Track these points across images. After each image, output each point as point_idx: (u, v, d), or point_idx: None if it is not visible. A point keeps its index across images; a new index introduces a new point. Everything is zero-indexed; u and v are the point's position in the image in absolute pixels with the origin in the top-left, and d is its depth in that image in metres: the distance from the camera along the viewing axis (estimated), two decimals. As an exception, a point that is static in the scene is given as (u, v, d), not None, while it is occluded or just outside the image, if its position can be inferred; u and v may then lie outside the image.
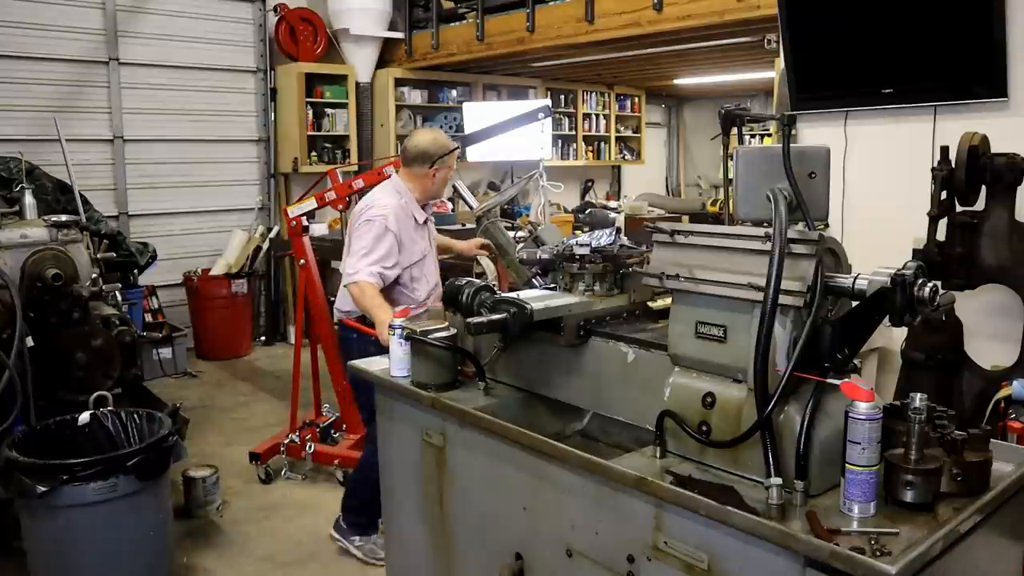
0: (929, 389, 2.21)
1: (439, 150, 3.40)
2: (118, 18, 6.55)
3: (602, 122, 10.01)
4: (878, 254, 2.02)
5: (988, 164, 2.98)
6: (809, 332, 1.55)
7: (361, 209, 3.39)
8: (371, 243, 3.23)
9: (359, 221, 3.31)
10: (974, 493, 1.53)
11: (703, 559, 1.60)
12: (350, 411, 4.48)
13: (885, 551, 1.34)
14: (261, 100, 7.44)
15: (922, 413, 1.48)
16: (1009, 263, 3.01)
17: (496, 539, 2.13)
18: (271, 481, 4.31)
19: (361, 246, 3.24)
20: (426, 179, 3.42)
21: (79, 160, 5.99)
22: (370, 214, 3.29)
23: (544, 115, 4.06)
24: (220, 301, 6.87)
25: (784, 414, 1.57)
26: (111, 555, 2.85)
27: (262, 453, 4.32)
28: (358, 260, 3.22)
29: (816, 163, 1.77)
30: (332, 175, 4.41)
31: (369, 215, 3.29)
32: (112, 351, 3.46)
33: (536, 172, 4.20)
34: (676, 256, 1.79)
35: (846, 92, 3.86)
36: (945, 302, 2.79)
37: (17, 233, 3.35)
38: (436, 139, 3.46)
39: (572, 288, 2.24)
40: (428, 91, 8.28)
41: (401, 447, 2.47)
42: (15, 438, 2.93)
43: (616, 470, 1.72)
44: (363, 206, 3.41)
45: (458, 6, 7.25)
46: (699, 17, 5.22)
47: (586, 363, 2.10)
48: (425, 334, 2.28)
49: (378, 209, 3.30)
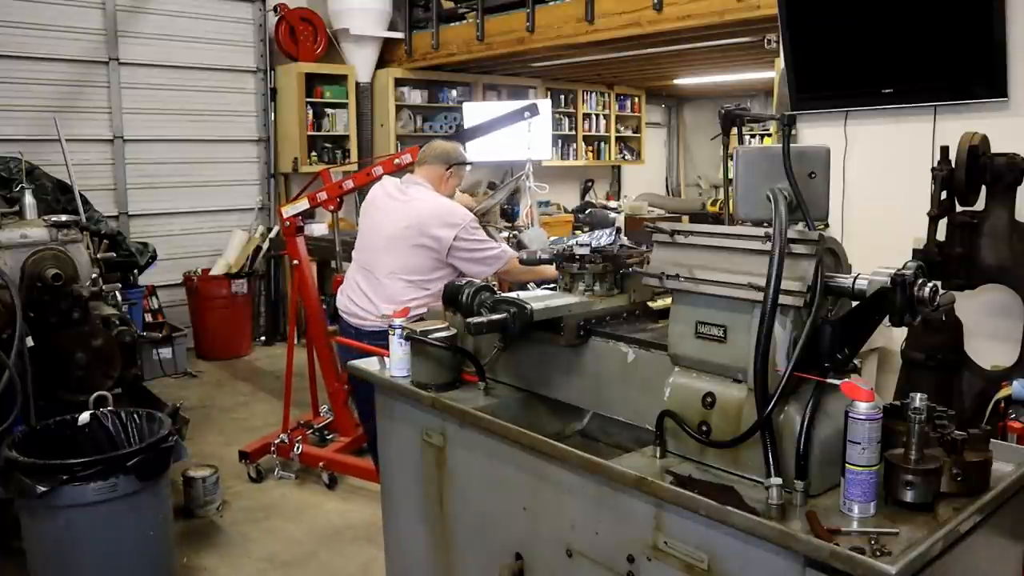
0: (929, 389, 2.21)
1: (458, 156, 3.48)
2: (118, 18, 6.55)
3: (602, 122, 10.02)
4: (878, 254, 2.03)
5: (988, 164, 2.98)
6: (809, 332, 1.55)
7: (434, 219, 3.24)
8: (481, 236, 3.30)
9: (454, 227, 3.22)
10: (974, 493, 1.53)
11: (703, 559, 1.60)
12: (342, 413, 4.48)
13: (885, 551, 1.34)
14: (261, 100, 7.44)
15: (922, 413, 1.48)
16: (1009, 263, 3.01)
17: (496, 539, 2.12)
18: (262, 480, 4.33)
19: (479, 242, 3.26)
20: (440, 179, 3.43)
21: (79, 160, 5.99)
22: (458, 218, 3.25)
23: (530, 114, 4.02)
24: (220, 301, 6.87)
25: (784, 414, 1.57)
26: (111, 555, 2.84)
27: (251, 452, 4.34)
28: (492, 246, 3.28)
29: (816, 163, 1.77)
30: (324, 175, 4.40)
31: (458, 219, 3.24)
32: (112, 351, 3.46)
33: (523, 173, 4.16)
34: (676, 256, 1.79)
35: (846, 92, 3.86)
36: (945, 302, 2.79)
37: (17, 233, 3.35)
38: (457, 149, 3.54)
39: (572, 288, 2.24)
40: (428, 91, 8.29)
41: (401, 447, 2.47)
42: (15, 438, 2.93)
43: (616, 470, 1.72)
44: (435, 215, 3.26)
45: (458, 6, 7.25)
46: (699, 17, 5.23)
47: (586, 363, 2.10)
48: (425, 334, 2.28)
49: (457, 210, 3.31)
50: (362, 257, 3.43)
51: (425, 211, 3.27)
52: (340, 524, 3.89)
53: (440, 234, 3.21)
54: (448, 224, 3.22)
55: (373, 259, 3.34)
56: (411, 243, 3.24)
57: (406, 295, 3.21)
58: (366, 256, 3.39)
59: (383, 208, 3.39)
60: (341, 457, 4.27)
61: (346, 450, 4.38)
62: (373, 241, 3.37)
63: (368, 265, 3.36)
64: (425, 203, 3.30)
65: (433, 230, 3.22)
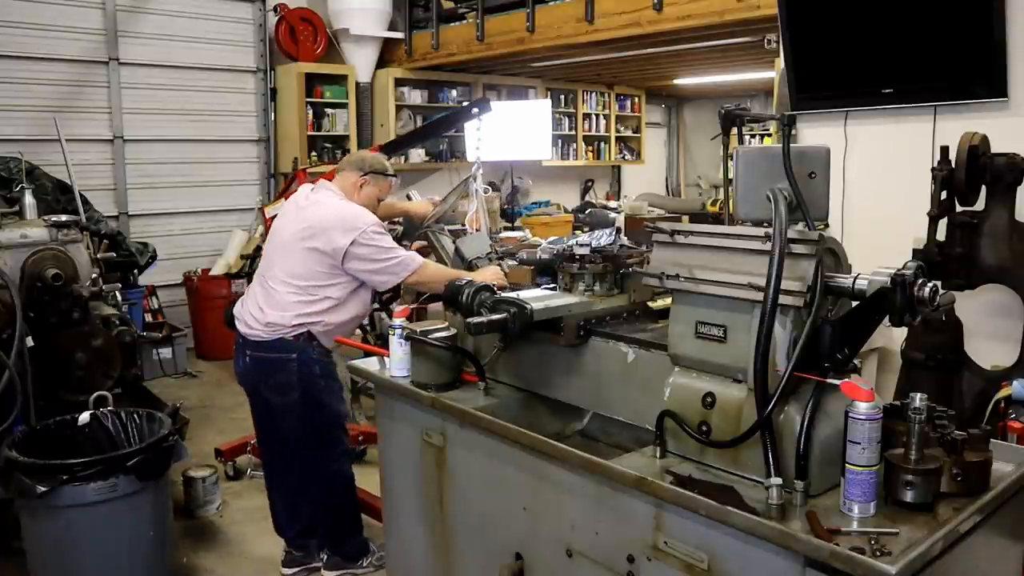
0: (929, 389, 2.21)
1: (376, 165, 3.25)
2: (118, 18, 6.54)
3: (602, 122, 10.02)
4: (878, 254, 2.02)
5: (988, 164, 2.98)
6: (809, 332, 1.55)
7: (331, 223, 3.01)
8: (384, 243, 3.03)
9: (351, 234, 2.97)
10: (974, 493, 1.54)
11: (703, 559, 1.60)
12: None
13: (885, 551, 1.34)
14: (261, 100, 7.43)
15: (922, 413, 1.48)
16: (1009, 263, 3.00)
17: (496, 539, 2.13)
18: (239, 478, 4.35)
19: (381, 249, 3.00)
20: (353, 187, 3.18)
21: (79, 160, 5.98)
22: (361, 223, 3.00)
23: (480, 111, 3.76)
24: (220, 301, 6.84)
25: (784, 414, 1.57)
26: (111, 555, 2.84)
27: (225, 451, 4.36)
28: (400, 255, 3.03)
29: (816, 163, 1.77)
30: (301, 176, 4.39)
31: (361, 224, 2.99)
32: (112, 351, 3.46)
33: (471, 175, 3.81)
34: (676, 256, 1.79)
35: (846, 92, 3.86)
36: (945, 302, 2.79)
37: (17, 233, 3.35)
38: (377, 158, 3.35)
39: (572, 288, 2.24)
40: (428, 91, 8.29)
41: (401, 447, 2.47)
42: (15, 438, 2.93)
43: (616, 470, 1.72)
44: (333, 219, 3.02)
45: (458, 6, 7.25)
46: (699, 17, 5.23)
47: (586, 363, 2.11)
48: (425, 334, 2.28)
49: (361, 215, 3.05)
50: (262, 263, 3.25)
51: (323, 215, 3.05)
52: (340, 524, 3.89)
53: (335, 238, 2.97)
54: (345, 229, 2.98)
55: (268, 265, 3.15)
56: (303, 247, 3.01)
57: (293, 302, 3.00)
58: (264, 262, 3.22)
59: (287, 213, 3.22)
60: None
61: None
62: (271, 247, 3.21)
63: (264, 271, 3.17)
64: (325, 207, 3.09)
65: (328, 234, 2.98)
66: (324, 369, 3.07)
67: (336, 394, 3.15)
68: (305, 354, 3.02)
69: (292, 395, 3.03)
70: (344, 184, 3.20)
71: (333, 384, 3.13)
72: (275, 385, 3.06)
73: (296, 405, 3.04)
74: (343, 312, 3.07)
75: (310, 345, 3.03)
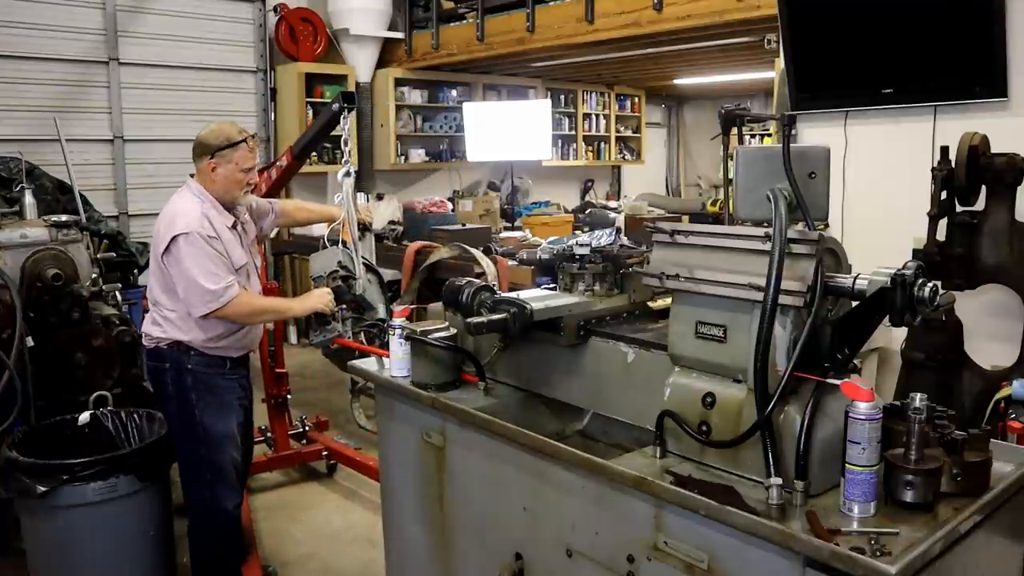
0: (929, 389, 2.20)
1: (219, 142, 2.86)
2: (118, 18, 6.54)
3: (602, 122, 10.02)
4: (878, 254, 2.02)
5: (988, 164, 2.98)
6: (809, 332, 1.55)
7: (159, 228, 2.76)
8: (200, 260, 2.67)
9: (166, 239, 2.69)
10: (974, 493, 1.53)
11: (703, 559, 1.60)
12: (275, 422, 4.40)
13: (885, 551, 1.34)
14: (261, 100, 7.43)
15: (922, 413, 1.48)
16: (1009, 263, 3.00)
17: (496, 539, 2.13)
18: None
19: (193, 266, 2.66)
20: (207, 174, 2.84)
21: (79, 160, 5.98)
22: (176, 229, 2.69)
23: (341, 106, 3.34)
24: (220, 301, 6.86)
25: (784, 414, 1.57)
26: (111, 555, 2.85)
27: None
28: (206, 282, 2.66)
29: (816, 163, 1.77)
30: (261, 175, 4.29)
31: (175, 230, 2.68)
32: (112, 351, 3.46)
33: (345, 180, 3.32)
34: (676, 256, 1.79)
35: (846, 92, 3.86)
36: (945, 302, 2.80)
37: (17, 233, 3.35)
38: (221, 130, 2.93)
39: (572, 288, 2.24)
40: (428, 91, 8.29)
41: (401, 447, 2.47)
42: (15, 438, 2.93)
43: (616, 470, 1.72)
44: (160, 224, 2.77)
45: (458, 6, 7.25)
46: (699, 17, 5.23)
47: (586, 363, 2.10)
48: (425, 334, 2.28)
49: (182, 218, 2.72)
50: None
51: (159, 221, 2.79)
52: (340, 524, 3.89)
53: (159, 245, 2.71)
54: (165, 235, 2.69)
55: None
56: (155, 262, 2.79)
57: (150, 324, 2.84)
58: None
59: None
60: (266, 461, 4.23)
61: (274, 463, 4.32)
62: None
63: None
64: (163, 212, 2.82)
65: (157, 242, 2.74)
66: (203, 382, 2.80)
67: (221, 411, 2.85)
68: (180, 363, 2.79)
69: (170, 406, 2.87)
70: (201, 177, 2.88)
71: (221, 399, 2.85)
72: (157, 394, 2.95)
73: (172, 417, 2.88)
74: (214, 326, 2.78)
75: (186, 354, 2.79)
